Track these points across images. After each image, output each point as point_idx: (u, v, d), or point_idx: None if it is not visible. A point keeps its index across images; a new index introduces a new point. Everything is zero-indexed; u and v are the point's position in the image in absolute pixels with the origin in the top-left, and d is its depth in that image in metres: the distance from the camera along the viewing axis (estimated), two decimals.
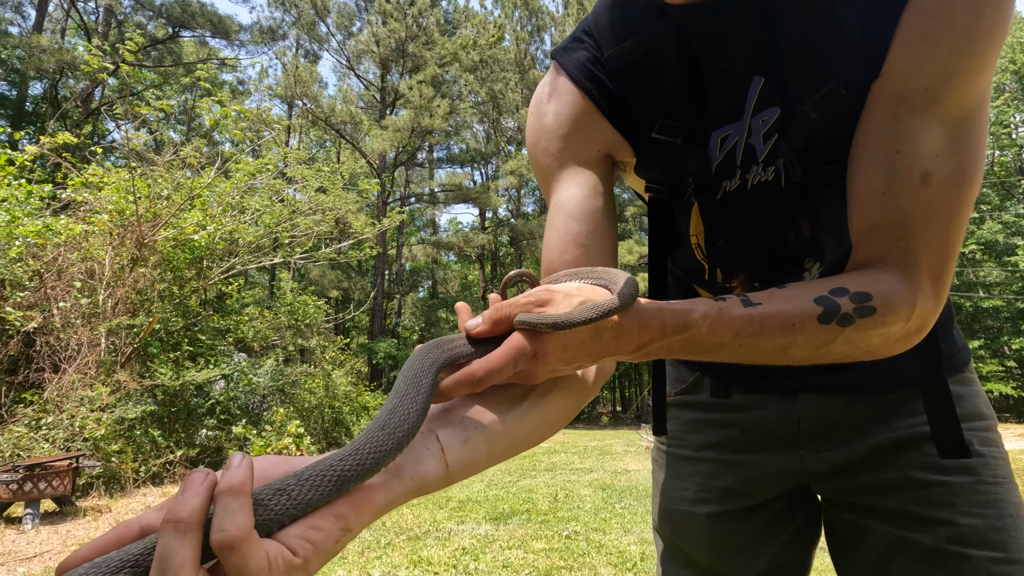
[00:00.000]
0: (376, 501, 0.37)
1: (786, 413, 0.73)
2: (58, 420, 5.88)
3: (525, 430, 0.51)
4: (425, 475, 0.42)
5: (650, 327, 0.50)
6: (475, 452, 0.46)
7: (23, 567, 3.55)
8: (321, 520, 0.33)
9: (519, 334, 0.48)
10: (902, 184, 0.52)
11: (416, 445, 0.42)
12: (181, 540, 0.27)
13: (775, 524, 0.76)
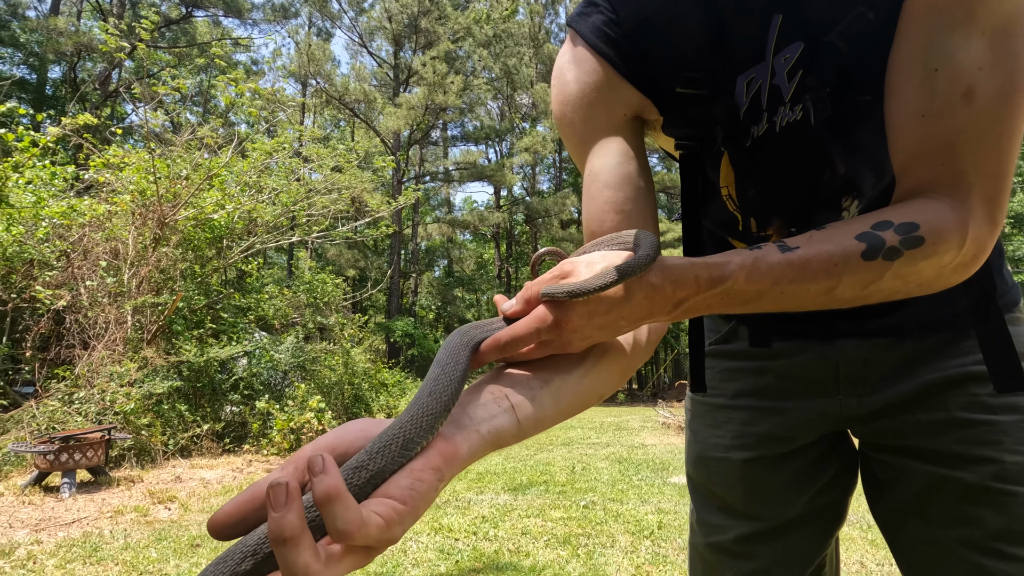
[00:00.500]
0: (461, 453, 0.40)
1: (824, 359, 0.73)
2: (89, 395, 6.07)
3: (585, 389, 0.53)
4: (500, 429, 0.44)
5: (684, 284, 0.49)
6: (542, 409, 0.48)
7: (63, 532, 3.71)
8: (422, 473, 0.37)
9: (542, 305, 0.49)
10: (943, 104, 0.50)
11: (490, 405, 0.45)
12: (296, 550, 0.30)
13: (811, 470, 0.76)
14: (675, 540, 3.39)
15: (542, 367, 0.50)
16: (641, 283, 0.48)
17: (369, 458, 0.36)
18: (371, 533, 0.31)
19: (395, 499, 0.34)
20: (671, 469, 5.99)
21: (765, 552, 0.76)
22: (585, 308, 0.48)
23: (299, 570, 0.29)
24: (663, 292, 0.49)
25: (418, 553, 3.17)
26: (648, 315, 0.50)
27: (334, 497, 0.30)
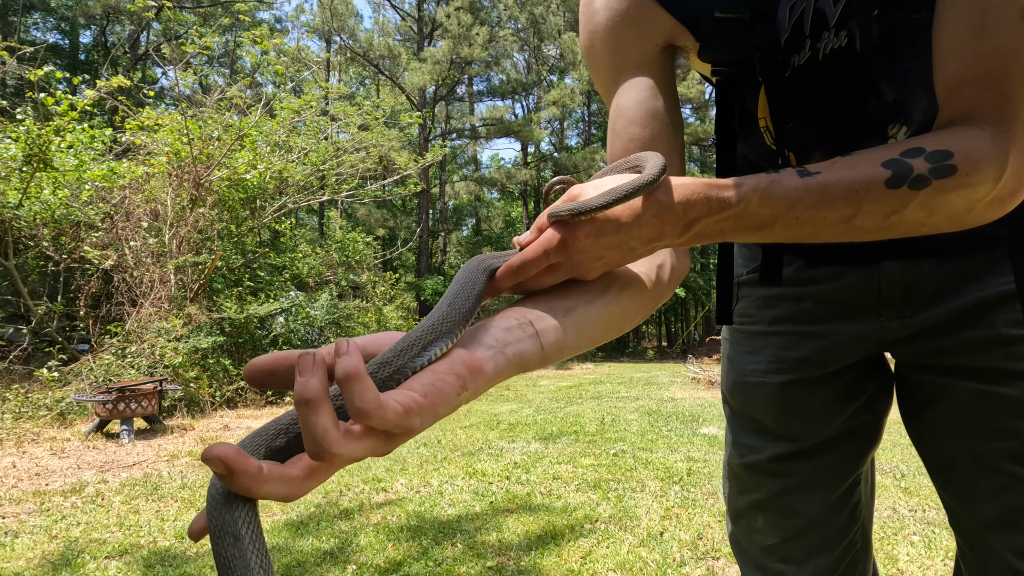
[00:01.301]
0: (487, 370, 0.41)
1: (866, 282, 0.71)
2: (140, 349, 6.40)
3: (607, 319, 0.53)
4: (524, 353, 0.45)
5: (694, 204, 0.48)
6: (565, 336, 0.49)
7: (125, 473, 4.00)
8: (445, 375, 0.38)
9: (551, 227, 0.49)
10: (996, 23, 0.47)
11: (515, 330, 0.46)
12: (317, 413, 0.31)
13: (848, 392, 0.76)
14: (704, 486, 3.45)
15: (565, 297, 0.51)
16: (650, 202, 0.48)
17: (393, 356, 0.38)
18: (388, 416, 0.32)
19: (416, 392, 0.36)
20: (701, 421, 6.03)
21: (800, 470, 0.77)
22: (592, 227, 0.47)
23: (318, 433, 0.31)
24: (673, 211, 0.48)
25: (454, 495, 3.32)
26: (659, 236, 0.49)
27: (353, 376, 0.31)
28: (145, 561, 2.40)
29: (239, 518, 0.32)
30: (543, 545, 2.52)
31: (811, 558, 0.76)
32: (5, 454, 4.46)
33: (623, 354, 24.53)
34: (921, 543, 2.50)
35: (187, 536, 0.30)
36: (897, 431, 5.34)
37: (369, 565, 2.33)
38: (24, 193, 6.68)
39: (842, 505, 0.77)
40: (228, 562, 0.31)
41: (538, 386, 10.61)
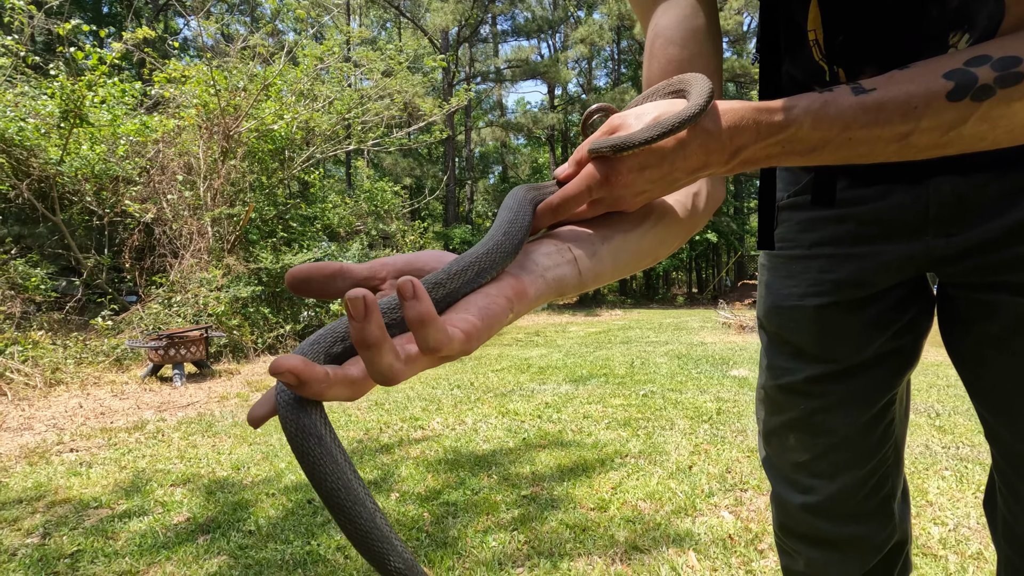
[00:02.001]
0: (529, 293, 0.42)
1: (914, 200, 0.69)
2: (185, 299, 6.68)
3: (643, 248, 0.53)
4: (563, 278, 0.46)
5: (742, 130, 0.46)
6: (602, 263, 0.49)
7: (181, 412, 4.27)
8: (497, 297, 0.40)
9: (591, 162, 0.48)
10: None
11: (555, 256, 0.47)
12: (380, 354, 0.32)
13: (888, 314, 0.76)
14: (733, 424, 3.50)
15: (603, 225, 0.51)
16: (696, 131, 0.46)
17: (447, 278, 0.39)
18: (455, 348, 0.34)
19: (473, 316, 0.37)
20: (731, 363, 6.04)
21: (835, 391, 0.78)
22: (636, 161, 0.46)
23: (384, 370, 0.32)
24: (719, 140, 0.46)
25: (488, 432, 3.45)
26: (704, 166, 0.48)
27: (427, 321, 0.32)
28: (206, 488, 2.60)
29: (316, 420, 0.33)
30: (575, 477, 2.62)
31: (841, 473, 0.78)
32: (71, 396, 4.80)
33: (652, 300, 24.41)
34: (952, 477, 2.51)
35: (247, 421, 0.35)
36: (934, 372, 5.26)
37: (411, 493, 2.48)
38: (64, 149, 6.86)
39: (875, 424, 0.78)
40: (316, 460, 0.32)
41: (567, 332, 10.72)
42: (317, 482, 0.32)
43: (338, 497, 0.33)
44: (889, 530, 0.79)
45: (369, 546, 0.34)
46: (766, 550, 1.90)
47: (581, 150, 0.50)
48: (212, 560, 1.92)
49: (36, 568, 1.88)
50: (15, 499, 2.51)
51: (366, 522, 0.33)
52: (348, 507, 0.33)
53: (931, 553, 1.85)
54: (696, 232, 0.63)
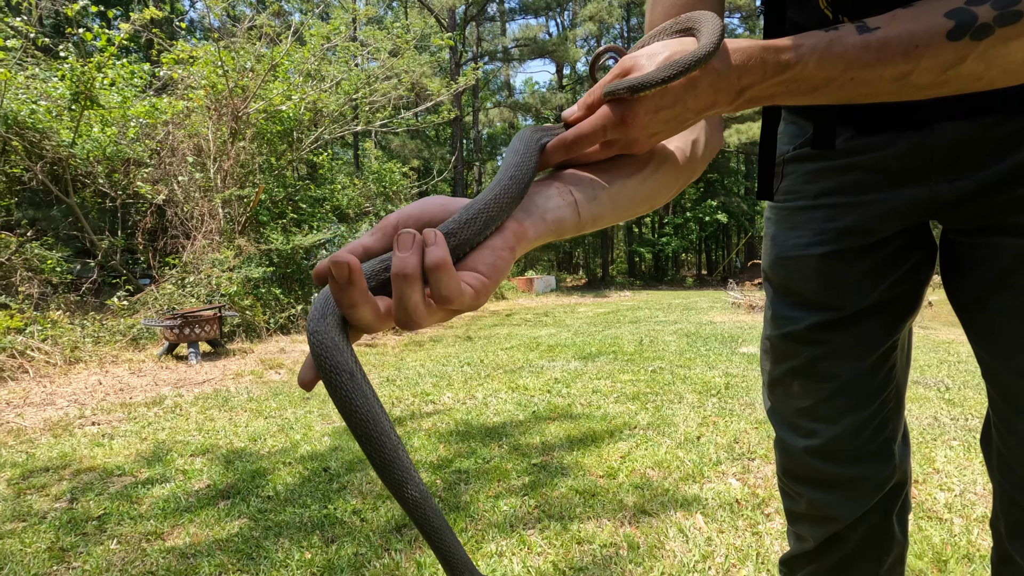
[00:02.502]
0: (529, 235, 0.44)
1: (918, 146, 0.69)
2: (198, 279, 6.76)
3: (642, 193, 0.55)
4: (562, 219, 0.47)
5: (750, 70, 0.47)
6: (601, 207, 0.51)
7: (197, 388, 4.36)
8: (501, 251, 0.41)
9: (607, 104, 0.48)
10: None
11: (555, 197, 0.48)
12: (413, 287, 0.35)
13: (890, 261, 0.77)
14: (742, 397, 3.53)
15: (603, 170, 0.52)
16: (706, 70, 0.46)
17: (458, 227, 0.40)
18: (465, 301, 0.37)
19: (481, 273, 0.39)
20: (740, 341, 6.04)
21: (837, 338, 0.80)
22: (651, 103, 0.47)
23: (411, 305, 0.35)
24: (728, 79, 0.47)
25: (498, 406, 3.50)
26: (712, 105, 0.49)
27: (442, 267, 0.35)
28: (225, 458, 2.67)
29: (348, 358, 0.36)
30: (584, 447, 2.67)
31: (843, 417, 0.80)
32: (91, 373, 4.91)
33: (661, 282, 24.36)
34: (960, 447, 2.53)
35: (298, 385, 0.38)
36: (944, 350, 5.24)
37: (424, 462, 2.54)
38: (76, 132, 6.91)
39: (877, 369, 0.80)
40: (348, 395, 0.35)
41: (576, 313, 10.74)
42: (348, 414, 0.35)
43: (366, 427, 0.36)
44: (889, 470, 0.81)
45: (391, 474, 0.37)
46: (772, 514, 1.93)
47: (593, 93, 0.51)
48: (233, 522, 1.99)
49: (66, 529, 1.96)
50: (42, 467, 2.59)
51: (389, 452, 0.37)
52: (375, 437, 0.36)
53: (936, 517, 1.87)
54: (694, 179, 0.64)
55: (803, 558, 0.89)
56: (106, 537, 1.90)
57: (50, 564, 1.73)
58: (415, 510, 0.38)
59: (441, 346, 6.38)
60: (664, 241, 23.60)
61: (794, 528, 0.90)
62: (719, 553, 1.68)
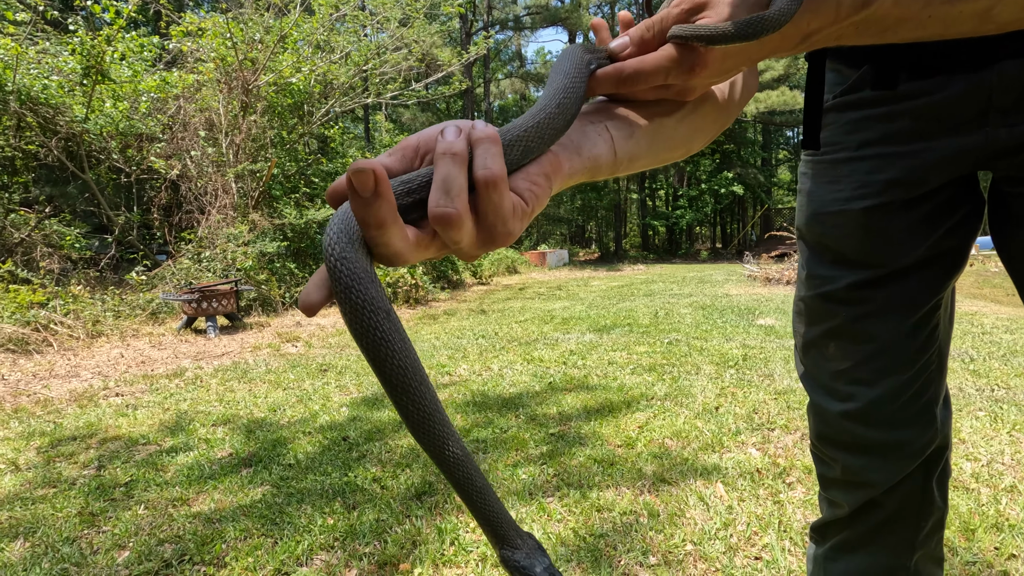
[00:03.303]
0: (564, 169, 0.41)
1: (975, 89, 0.65)
2: (214, 254, 6.81)
3: (679, 134, 0.51)
4: (598, 157, 0.44)
5: (821, 12, 0.43)
6: (638, 146, 0.47)
7: (216, 361, 4.42)
8: (537, 177, 0.38)
9: (675, 47, 0.44)
10: None
11: (590, 132, 0.45)
12: (460, 168, 0.31)
13: (937, 215, 0.72)
14: (760, 369, 3.49)
15: (643, 108, 0.49)
16: None
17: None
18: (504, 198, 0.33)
19: (518, 201, 0.36)
20: (757, 313, 5.98)
21: (878, 296, 0.76)
22: (722, 51, 0.44)
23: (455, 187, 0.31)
24: (797, 25, 0.43)
25: (514, 377, 3.50)
26: (775, 51, 0.45)
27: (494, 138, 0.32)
28: (245, 427, 2.71)
29: (383, 294, 0.30)
30: (601, 417, 2.66)
31: (882, 379, 0.77)
32: (113, 346, 5.00)
33: (675, 255, 24.13)
34: (987, 417, 2.48)
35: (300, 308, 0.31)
36: (968, 321, 5.14)
37: None
38: (88, 107, 6.91)
39: (919, 329, 0.76)
40: (385, 336, 0.30)
41: (589, 286, 10.70)
42: (383, 360, 0.30)
43: (405, 376, 0.31)
44: (930, 435, 0.78)
45: (431, 429, 0.33)
46: (794, 483, 1.92)
47: (650, 28, 0.46)
48: (256, 489, 2.02)
49: (95, 495, 2.01)
50: (69, 436, 2.65)
51: (430, 403, 0.32)
52: (414, 388, 0.31)
53: (963, 486, 1.84)
54: (728, 125, 0.60)
55: (836, 524, 0.87)
56: (133, 502, 1.94)
57: (80, 527, 1.77)
58: (457, 469, 0.34)
59: (455, 319, 6.40)
60: (678, 214, 23.30)
61: (827, 494, 0.88)
62: (740, 521, 1.67)
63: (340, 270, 0.29)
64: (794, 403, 2.76)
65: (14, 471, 2.25)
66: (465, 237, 0.33)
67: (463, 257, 0.36)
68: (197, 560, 1.57)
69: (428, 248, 0.34)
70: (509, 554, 0.37)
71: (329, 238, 0.30)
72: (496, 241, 0.35)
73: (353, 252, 0.29)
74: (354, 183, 0.28)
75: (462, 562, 1.52)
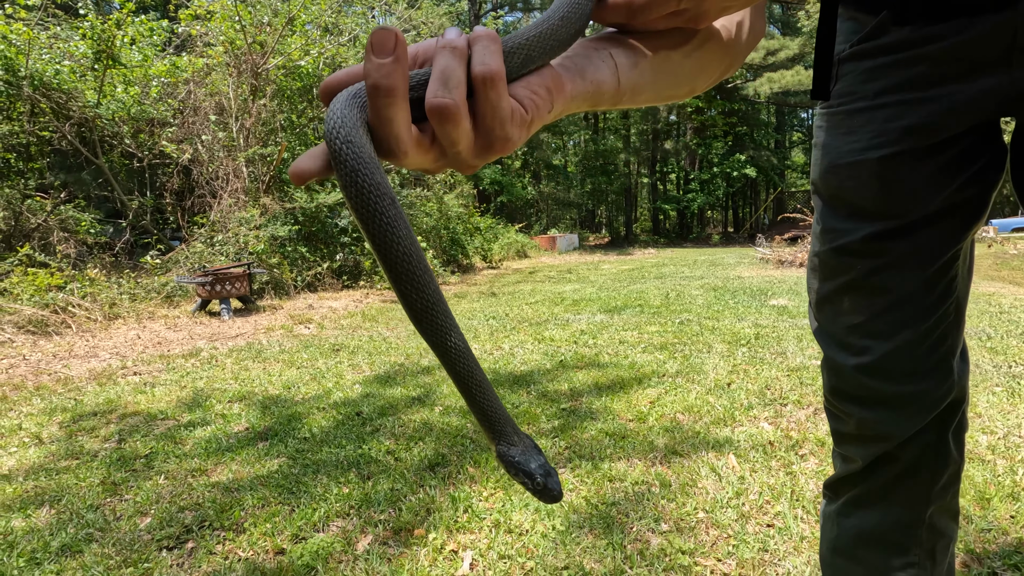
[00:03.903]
0: (567, 90, 0.40)
1: (999, 28, 0.62)
2: (226, 238, 6.86)
3: (685, 70, 0.50)
4: (601, 83, 0.43)
5: None
6: (642, 77, 0.46)
7: (231, 342, 4.47)
8: (538, 88, 0.37)
9: None
10: None
11: (594, 57, 0.44)
12: (459, 62, 0.31)
13: (957, 163, 0.71)
14: (772, 347, 3.47)
15: (648, 39, 0.48)
16: None
17: None
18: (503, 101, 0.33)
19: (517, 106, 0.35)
20: (769, 294, 5.93)
21: (895, 248, 0.74)
22: None
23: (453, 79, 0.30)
24: None
25: (525, 356, 3.52)
26: None
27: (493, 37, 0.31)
28: (261, 404, 2.75)
29: (387, 180, 0.30)
30: (612, 393, 2.67)
31: (898, 332, 0.76)
32: (130, 328, 5.08)
33: (686, 240, 23.94)
34: (1004, 393, 2.45)
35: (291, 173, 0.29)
36: (986, 301, 5.06)
37: (453, 407, 2.57)
38: (100, 92, 6.94)
39: (937, 281, 0.75)
40: (391, 222, 0.30)
41: (600, 269, 10.67)
42: (388, 246, 0.30)
43: (410, 263, 0.31)
44: (947, 387, 0.77)
45: (434, 319, 0.33)
46: (807, 455, 1.91)
47: None
48: (273, 461, 2.06)
49: (116, 466, 2.05)
50: (90, 412, 2.71)
51: (433, 292, 0.32)
52: (419, 275, 0.31)
53: (979, 458, 1.83)
54: (734, 69, 0.59)
55: (850, 479, 0.86)
56: (154, 473, 1.98)
57: (103, 496, 1.82)
58: (458, 361, 0.34)
59: (466, 301, 6.41)
60: (690, 197, 23.06)
61: (840, 449, 0.87)
62: (752, 491, 1.68)
63: (347, 153, 0.28)
64: (807, 379, 2.75)
65: (38, 444, 2.31)
66: (462, 137, 0.32)
67: (461, 167, 0.35)
68: (217, 526, 1.61)
69: (427, 152, 0.33)
70: (505, 450, 0.37)
71: (333, 121, 0.29)
72: (494, 147, 0.34)
73: (359, 136, 0.29)
74: (374, 42, 0.28)
75: (476, 528, 1.54)
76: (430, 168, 0.35)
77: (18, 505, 1.77)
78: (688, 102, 23.19)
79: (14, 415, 2.70)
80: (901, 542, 0.82)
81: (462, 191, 13.80)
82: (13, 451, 2.25)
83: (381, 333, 4.54)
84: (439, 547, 1.46)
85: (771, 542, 1.42)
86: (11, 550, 1.52)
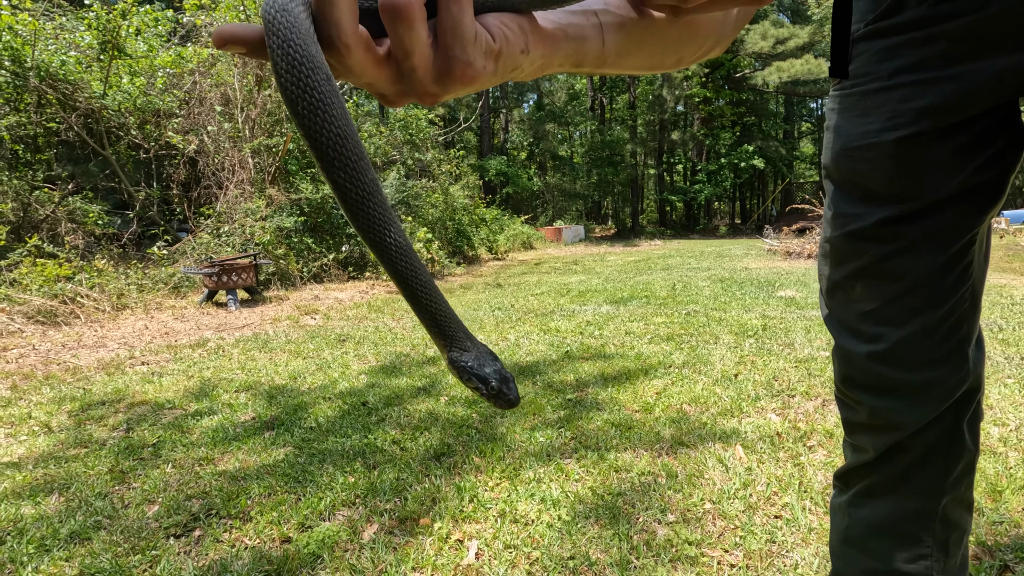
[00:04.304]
0: (545, 37, 0.39)
1: (1018, 4, 0.60)
2: (232, 229, 6.87)
3: (671, 37, 0.49)
4: (585, 40, 0.42)
5: None
6: (628, 40, 0.45)
7: (238, 332, 4.49)
8: (511, 23, 0.35)
9: None
10: None
11: (578, 16, 0.43)
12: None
13: (973, 145, 0.69)
14: (780, 338, 3.45)
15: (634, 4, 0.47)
16: None
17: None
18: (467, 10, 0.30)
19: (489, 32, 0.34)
20: (777, 285, 5.89)
21: (909, 233, 0.72)
22: None
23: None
24: None
25: (530, 346, 3.51)
26: None
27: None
28: (267, 393, 2.76)
29: (323, 57, 0.27)
30: (618, 384, 2.66)
31: (912, 319, 0.74)
32: (137, 319, 5.11)
33: (693, 231, 23.82)
34: (1015, 385, 2.42)
35: (213, 38, 0.27)
36: (997, 292, 5.00)
37: (458, 397, 2.57)
38: (106, 82, 6.95)
39: (952, 266, 0.73)
40: (324, 98, 0.27)
41: (606, 261, 10.63)
42: (319, 126, 0.27)
43: (344, 147, 0.28)
44: (961, 375, 0.75)
45: (370, 211, 0.30)
46: (815, 446, 1.90)
47: None
48: (279, 450, 2.06)
49: (124, 454, 2.06)
50: (98, 401, 2.73)
51: (370, 183, 0.29)
52: (353, 161, 0.29)
53: (990, 450, 1.81)
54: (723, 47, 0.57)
55: (861, 470, 0.85)
56: (161, 461, 1.99)
57: (111, 484, 1.83)
58: (399, 259, 0.32)
59: (471, 293, 6.41)
60: (697, 189, 22.91)
61: (851, 439, 0.86)
62: (760, 482, 1.67)
63: (279, 21, 0.26)
64: (815, 370, 2.73)
65: (47, 433, 2.33)
66: (416, 46, 0.30)
67: (420, 93, 0.33)
68: (223, 514, 1.62)
69: (380, 66, 0.31)
70: (457, 356, 0.35)
71: None
72: (453, 71, 0.32)
73: (297, 7, 0.26)
74: None
75: (481, 518, 1.54)
76: (386, 91, 0.33)
77: (28, 492, 1.79)
78: (696, 92, 22.97)
79: (24, 404, 2.73)
80: (914, 533, 0.80)
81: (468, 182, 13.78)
82: (23, 439, 2.26)
83: (387, 324, 4.54)
84: (444, 536, 1.46)
85: (779, 533, 1.40)
86: (21, 536, 1.53)
